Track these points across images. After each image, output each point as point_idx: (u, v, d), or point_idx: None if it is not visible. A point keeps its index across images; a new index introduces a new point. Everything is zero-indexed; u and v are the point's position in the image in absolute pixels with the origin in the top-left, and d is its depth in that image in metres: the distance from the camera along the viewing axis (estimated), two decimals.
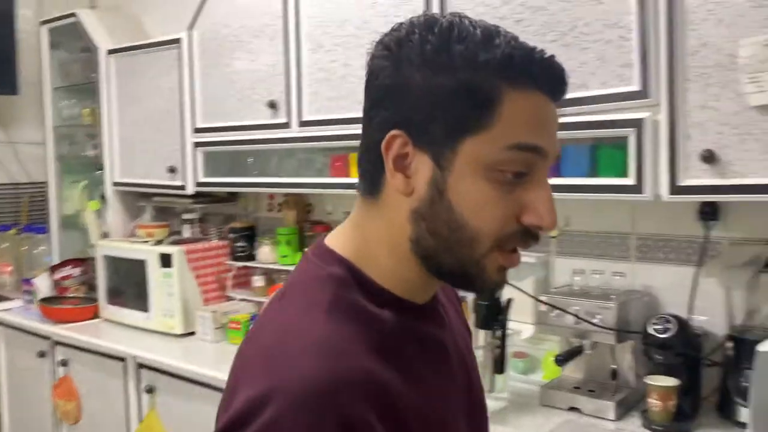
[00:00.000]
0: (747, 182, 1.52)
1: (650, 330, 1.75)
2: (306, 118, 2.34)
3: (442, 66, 0.69)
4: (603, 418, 1.79)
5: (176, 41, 2.74)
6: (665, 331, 1.73)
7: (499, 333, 1.82)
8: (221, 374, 2.17)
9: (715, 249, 1.88)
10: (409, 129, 0.71)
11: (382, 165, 0.73)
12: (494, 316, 1.82)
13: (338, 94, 2.25)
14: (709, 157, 1.55)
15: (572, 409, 1.85)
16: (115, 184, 3.08)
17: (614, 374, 1.86)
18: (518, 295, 1.86)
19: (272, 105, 2.43)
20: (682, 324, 1.76)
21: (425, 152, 0.71)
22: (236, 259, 2.84)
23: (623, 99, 1.68)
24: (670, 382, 1.70)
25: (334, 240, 0.79)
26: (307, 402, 0.62)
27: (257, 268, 2.80)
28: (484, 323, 1.82)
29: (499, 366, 1.83)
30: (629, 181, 1.68)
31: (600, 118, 1.72)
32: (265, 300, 2.65)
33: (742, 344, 1.69)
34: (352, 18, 2.20)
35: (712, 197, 1.69)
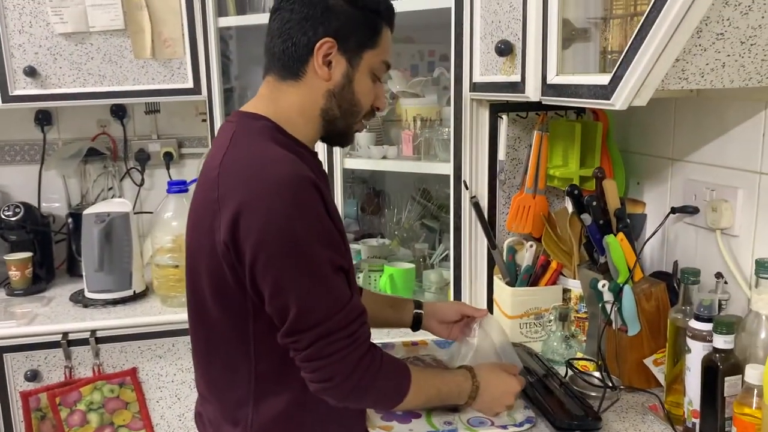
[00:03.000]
0: (62, 91, 2.03)
1: (2, 216, 2.13)
2: None
3: (361, 6, 1.09)
4: None
5: None
6: (15, 215, 2.14)
7: None
8: None
9: (53, 148, 2.36)
10: (336, 38, 1.08)
11: (307, 58, 1.08)
12: None
13: None
14: (31, 72, 1.98)
15: None
16: None
17: None
18: None
19: None
20: (29, 209, 2.19)
21: (343, 55, 1.09)
22: None
23: None
24: (24, 255, 2.13)
25: (251, 108, 1.12)
26: (298, 176, 0.99)
27: None
28: None
29: None
30: None
31: None
32: None
33: (79, 218, 2.23)
34: None
35: (39, 104, 2.13)
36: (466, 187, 1.64)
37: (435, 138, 1.82)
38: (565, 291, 1.60)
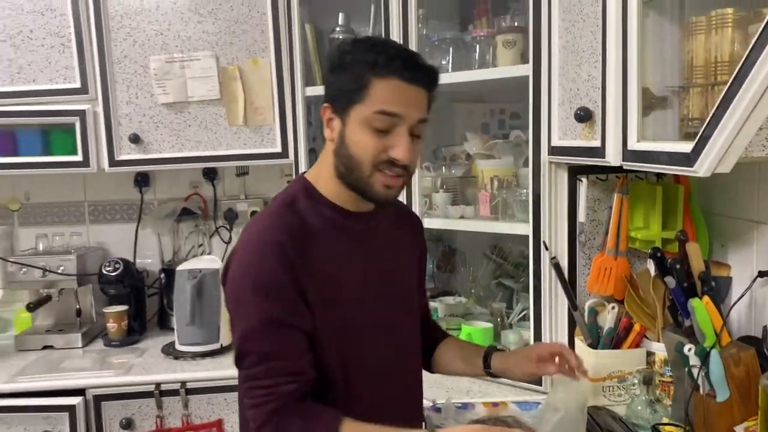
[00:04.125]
0: (162, 156, 2.20)
1: (104, 271, 2.29)
2: None
3: (344, 66, 1.17)
4: (73, 348, 2.25)
5: None
6: (115, 270, 2.29)
7: None
8: None
9: (149, 208, 2.53)
10: (331, 102, 1.20)
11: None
12: None
13: None
14: (135, 139, 2.16)
15: (46, 347, 2.24)
16: None
17: (78, 312, 2.33)
18: None
19: None
20: (127, 264, 2.35)
21: (337, 115, 1.19)
22: None
23: (68, 93, 2.14)
24: (121, 308, 2.27)
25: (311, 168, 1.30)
26: (266, 238, 1.15)
27: None
28: None
29: None
30: (78, 157, 2.17)
31: (50, 107, 2.14)
32: None
33: (171, 274, 2.37)
34: None
35: (141, 168, 2.31)
36: (546, 248, 1.67)
37: (513, 199, 1.86)
38: (649, 354, 1.58)
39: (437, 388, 1.72)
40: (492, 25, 1.92)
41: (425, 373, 1.42)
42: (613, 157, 1.36)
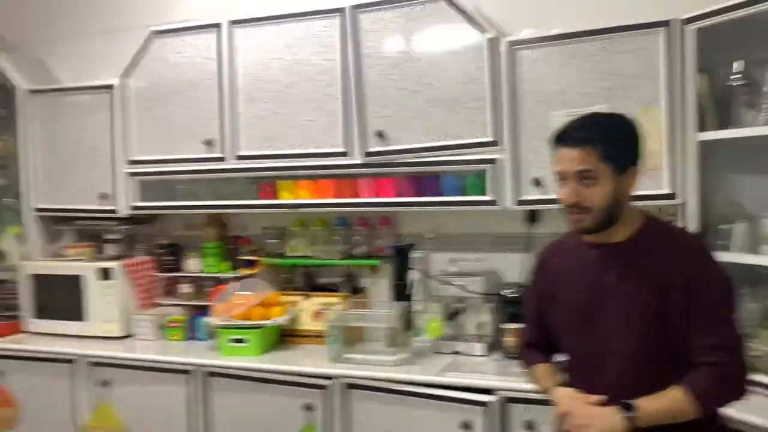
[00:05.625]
0: (555, 197, 2.53)
1: (504, 293, 2.71)
2: (242, 153, 2.98)
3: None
4: (476, 356, 2.71)
5: (108, 87, 3.21)
6: (513, 293, 2.69)
7: (408, 304, 2.66)
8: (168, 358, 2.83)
9: (536, 240, 2.89)
10: None
11: None
12: (406, 292, 2.65)
13: (270, 135, 2.92)
14: (536, 182, 2.54)
15: (454, 353, 2.74)
16: (38, 210, 3.41)
17: (481, 326, 2.79)
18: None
19: (208, 142, 3.03)
20: (521, 288, 2.73)
21: None
22: (164, 271, 3.35)
23: (484, 146, 2.62)
24: (519, 325, 2.65)
25: None
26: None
27: (185, 277, 3.32)
28: (399, 297, 2.64)
29: (409, 326, 2.66)
30: (488, 197, 2.63)
31: (469, 157, 2.65)
32: (192, 303, 3.25)
33: None
34: (281, 79, 2.90)
35: (538, 207, 2.70)
36: None
37: None
38: None
39: None
40: None
41: None
42: None
